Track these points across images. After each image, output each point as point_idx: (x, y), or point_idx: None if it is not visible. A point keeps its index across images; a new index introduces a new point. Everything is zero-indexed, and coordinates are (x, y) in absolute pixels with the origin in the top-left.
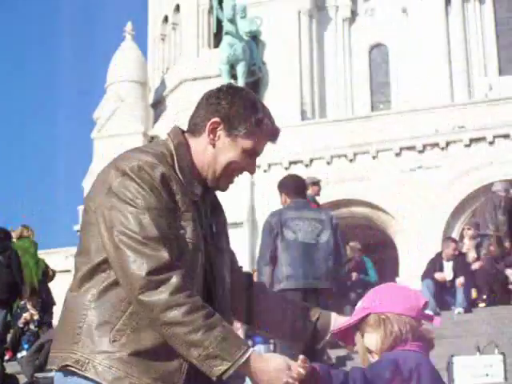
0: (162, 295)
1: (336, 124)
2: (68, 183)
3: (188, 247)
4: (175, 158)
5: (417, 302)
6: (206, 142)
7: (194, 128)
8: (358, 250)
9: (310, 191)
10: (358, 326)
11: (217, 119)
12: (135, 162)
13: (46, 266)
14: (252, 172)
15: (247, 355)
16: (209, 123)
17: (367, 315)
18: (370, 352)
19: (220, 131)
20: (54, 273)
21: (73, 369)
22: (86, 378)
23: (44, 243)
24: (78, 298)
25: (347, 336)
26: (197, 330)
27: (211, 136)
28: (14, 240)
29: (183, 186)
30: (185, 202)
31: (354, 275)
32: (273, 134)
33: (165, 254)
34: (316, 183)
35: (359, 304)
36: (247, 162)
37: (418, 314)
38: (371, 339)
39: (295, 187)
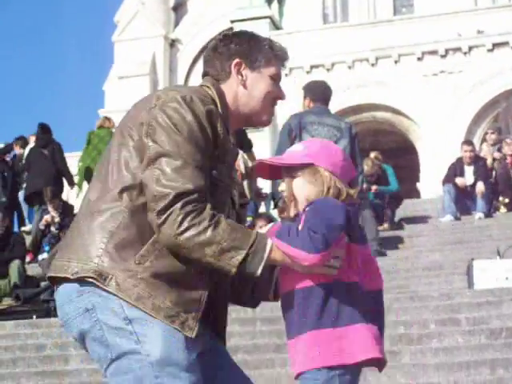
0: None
1: (358, 28)
2: (88, 87)
3: (219, 188)
4: (218, 103)
5: (352, 174)
6: (235, 86)
7: (217, 77)
8: (378, 163)
9: None
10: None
11: (237, 60)
12: (187, 94)
13: None
14: (284, 97)
15: (269, 244)
16: (232, 66)
17: (308, 164)
18: (293, 200)
19: (244, 70)
20: None
21: (93, 280)
22: (107, 291)
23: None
24: (103, 215)
25: (264, 170)
26: (205, 230)
27: (239, 77)
28: (95, 129)
29: (225, 129)
30: (224, 145)
31: (374, 188)
32: (284, 57)
33: (198, 181)
34: None
35: (298, 148)
36: (278, 88)
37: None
38: (304, 188)
39: (322, 93)
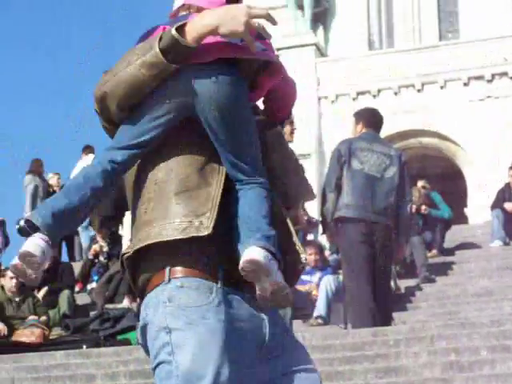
0: None
1: (404, 54)
2: None
3: None
4: None
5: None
6: None
7: None
8: (426, 192)
9: None
10: None
11: None
12: None
13: None
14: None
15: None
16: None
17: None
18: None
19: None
20: None
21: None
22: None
23: None
24: None
25: None
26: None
27: None
28: None
29: None
30: None
31: (424, 208)
32: None
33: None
34: None
35: None
36: None
37: None
38: None
39: (374, 120)
